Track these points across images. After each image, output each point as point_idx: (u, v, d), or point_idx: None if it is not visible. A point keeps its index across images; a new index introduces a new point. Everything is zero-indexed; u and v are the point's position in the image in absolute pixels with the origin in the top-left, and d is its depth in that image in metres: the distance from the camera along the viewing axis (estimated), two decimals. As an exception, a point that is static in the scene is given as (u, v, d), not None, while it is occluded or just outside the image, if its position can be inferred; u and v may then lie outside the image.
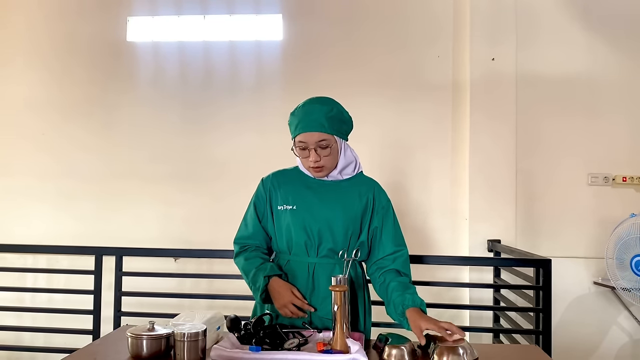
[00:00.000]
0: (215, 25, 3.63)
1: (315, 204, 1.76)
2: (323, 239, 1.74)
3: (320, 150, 1.72)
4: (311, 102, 1.77)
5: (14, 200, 3.74)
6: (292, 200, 1.78)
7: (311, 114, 1.73)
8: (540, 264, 2.47)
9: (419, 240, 3.48)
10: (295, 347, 1.49)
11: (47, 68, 3.77)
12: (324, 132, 1.72)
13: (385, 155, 3.52)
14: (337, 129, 1.75)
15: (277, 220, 1.80)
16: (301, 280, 1.75)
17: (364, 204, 1.79)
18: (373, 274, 1.81)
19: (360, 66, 3.56)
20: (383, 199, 1.83)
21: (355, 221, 1.77)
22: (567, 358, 3.16)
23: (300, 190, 1.80)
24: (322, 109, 1.74)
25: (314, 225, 1.74)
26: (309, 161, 1.74)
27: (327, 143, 1.72)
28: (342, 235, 1.75)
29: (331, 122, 1.73)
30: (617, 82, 3.40)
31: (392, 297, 1.68)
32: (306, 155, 1.75)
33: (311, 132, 1.71)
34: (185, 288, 3.18)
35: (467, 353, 1.46)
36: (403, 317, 1.62)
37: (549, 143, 3.42)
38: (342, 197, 1.78)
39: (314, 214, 1.75)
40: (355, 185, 1.82)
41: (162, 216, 3.63)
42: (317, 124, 1.71)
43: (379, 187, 1.85)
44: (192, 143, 3.66)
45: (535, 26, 3.42)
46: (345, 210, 1.76)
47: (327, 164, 1.75)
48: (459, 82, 3.46)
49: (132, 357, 1.46)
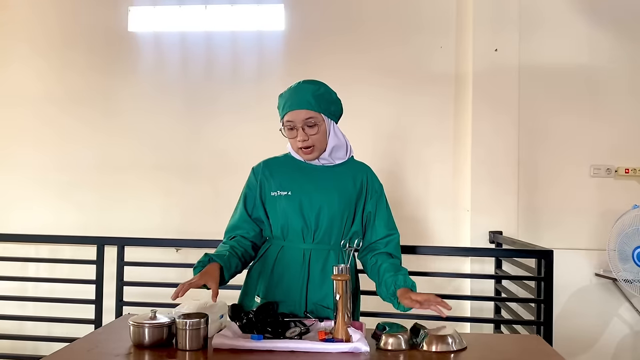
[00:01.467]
0: (216, 15, 3.61)
1: (310, 188, 1.76)
2: (320, 223, 1.74)
3: (307, 129, 1.72)
4: (298, 83, 1.79)
5: (16, 191, 3.74)
6: (286, 186, 1.77)
7: (298, 92, 1.74)
8: (542, 255, 2.47)
9: (420, 231, 3.48)
10: (296, 336, 1.50)
11: (48, 58, 3.76)
12: (311, 109, 1.72)
13: (387, 146, 3.51)
14: (324, 108, 1.75)
15: (271, 207, 1.79)
16: (295, 267, 1.74)
17: (359, 188, 1.79)
18: (365, 256, 1.83)
19: (363, 56, 3.54)
20: (376, 183, 1.84)
21: (350, 205, 1.77)
22: (568, 349, 3.17)
23: (294, 176, 1.79)
24: (309, 87, 1.75)
25: (310, 210, 1.73)
26: (297, 141, 1.74)
27: (315, 121, 1.72)
28: (338, 220, 1.75)
29: (318, 100, 1.73)
30: (620, 74, 3.38)
31: (384, 278, 1.69)
32: (294, 135, 1.74)
33: (298, 110, 1.72)
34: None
35: (456, 342, 1.48)
36: (394, 297, 1.64)
37: (552, 134, 3.40)
38: (336, 181, 1.78)
39: (311, 199, 1.74)
40: (349, 169, 1.82)
41: (164, 206, 3.64)
42: (304, 102, 1.72)
43: (371, 172, 1.86)
44: (194, 133, 3.65)
45: (539, 17, 3.40)
46: (341, 195, 1.76)
47: (316, 144, 1.74)
48: (462, 73, 3.45)
49: (134, 346, 1.47)
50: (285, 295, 1.72)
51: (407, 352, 1.46)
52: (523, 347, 1.60)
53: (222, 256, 1.69)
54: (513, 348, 1.58)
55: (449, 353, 1.45)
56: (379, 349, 1.48)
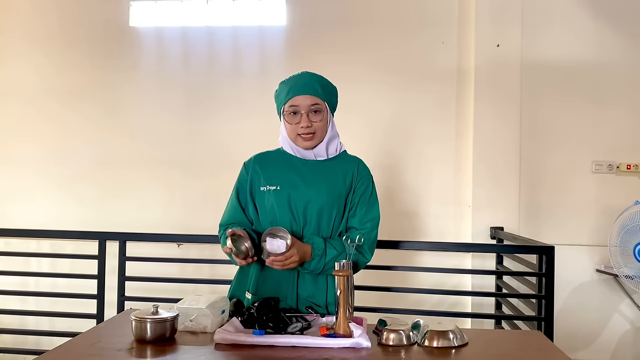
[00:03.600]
0: (218, 10, 3.60)
1: (299, 183, 1.75)
2: (308, 218, 1.73)
3: (312, 115, 1.73)
4: (301, 72, 1.81)
5: (18, 187, 3.75)
6: (275, 181, 1.76)
7: (304, 78, 1.77)
8: (544, 251, 2.47)
9: (421, 227, 3.49)
10: (298, 331, 1.50)
11: (49, 53, 3.75)
12: (318, 96, 1.74)
13: (388, 142, 3.50)
14: (328, 98, 1.77)
15: (260, 202, 1.79)
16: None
17: (349, 183, 1.78)
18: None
19: (364, 52, 3.53)
20: (365, 176, 1.81)
21: (339, 200, 1.76)
22: (569, 345, 3.17)
23: (284, 171, 1.78)
24: (314, 76, 1.78)
25: (299, 204, 1.73)
26: (300, 127, 1.73)
27: (320, 107, 1.74)
28: (327, 214, 1.74)
29: (324, 89, 1.76)
30: (622, 70, 3.37)
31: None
32: (297, 120, 1.74)
33: (305, 95, 1.73)
34: (187, 273, 3.19)
35: (457, 337, 1.48)
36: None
37: (554, 130, 3.40)
38: (326, 176, 1.77)
39: (299, 193, 1.73)
40: (340, 164, 1.81)
41: (166, 202, 3.64)
42: (311, 88, 1.74)
43: (362, 164, 1.84)
44: (195, 129, 3.65)
45: (541, 12, 3.39)
46: (330, 189, 1.75)
47: (318, 131, 1.75)
48: (464, 69, 3.44)
49: (136, 341, 1.47)
50: (275, 291, 1.72)
51: (408, 348, 1.46)
52: (524, 342, 1.60)
53: (239, 224, 1.75)
54: (514, 344, 1.59)
55: (450, 349, 1.45)
56: (380, 344, 1.48)
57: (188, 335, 1.53)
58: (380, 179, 2.30)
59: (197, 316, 1.55)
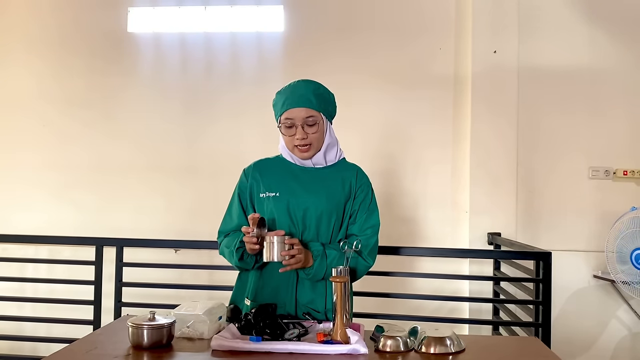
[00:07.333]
0: (216, 16, 3.61)
1: (298, 190, 1.76)
2: (307, 225, 1.74)
3: (307, 127, 1.73)
4: (297, 82, 1.79)
5: (15, 192, 3.74)
6: (275, 188, 1.77)
7: (299, 90, 1.76)
8: (541, 257, 2.47)
9: (419, 232, 3.49)
10: (295, 338, 1.50)
11: (48, 59, 3.76)
12: (312, 108, 1.73)
13: (386, 148, 3.51)
14: (324, 107, 1.77)
15: (259, 208, 1.79)
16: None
17: (348, 190, 1.79)
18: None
19: (362, 58, 3.54)
20: (364, 183, 1.82)
21: (338, 207, 1.77)
22: (566, 351, 3.17)
23: (283, 178, 1.79)
24: (309, 86, 1.77)
25: (297, 210, 1.74)
26: (295, 139, 1.74)
27: (315, 120, 1.74)
28: (325, 221, 1.75)
29: (319, 99, 1.75)
30: (619, 76, 3.39)
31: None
32: (292, 133, 1.75)
33: (299, 108, 1.73)
34: (185, 279, 3.18)
35: (454, 344, 1.49)
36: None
37: (550, 136, 3.41)
38: (325, 183, 1.78)
39: (298, 200, 1.74)
40: (339, 171, 1.82)
41: (163, 207, 3.64)
42: (305, 100, 1.73)
43: (361, 172, 1.85)
44: (193, 134, 3.65)
45: (538, 19, 3.41)
46: (329, 196, 1.76)
47: (314, 142, 1.75)
48: (461, 75, 3.45)
49: (133, 347, 1.47)
50: (274, 298, 1.72)
51: (406, 354, 1.46)
52: (521, 348, 1.60)
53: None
54: (511, 350, 1.59)
55: (447, 355, 1.45)
56: (377, 350, 1.48)
57: (185, 342, 1.53)
58: (378, 184, 2.30)
59: (194, 322, 1.55)
